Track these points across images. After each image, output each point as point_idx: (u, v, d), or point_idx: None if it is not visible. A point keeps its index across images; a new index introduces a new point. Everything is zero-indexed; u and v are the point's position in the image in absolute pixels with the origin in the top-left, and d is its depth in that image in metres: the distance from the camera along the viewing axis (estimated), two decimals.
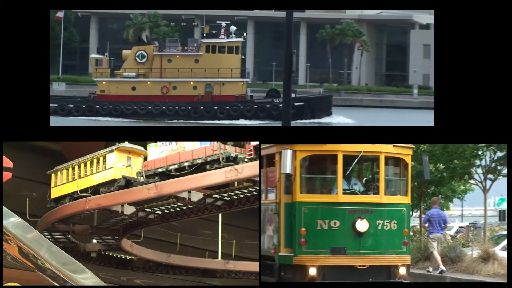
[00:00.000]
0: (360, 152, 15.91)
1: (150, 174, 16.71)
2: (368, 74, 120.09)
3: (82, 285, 11.07)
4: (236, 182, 16.57)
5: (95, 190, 18.06)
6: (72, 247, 20.27)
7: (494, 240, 26.81)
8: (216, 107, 67.93)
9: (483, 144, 24.06)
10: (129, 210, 18.55)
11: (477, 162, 26.36)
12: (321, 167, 16.75)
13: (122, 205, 18.39)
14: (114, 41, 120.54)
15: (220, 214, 21.08)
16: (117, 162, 17.18)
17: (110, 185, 17.71)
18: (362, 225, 15.58)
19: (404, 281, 16.41)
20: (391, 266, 15.94)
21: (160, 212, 18.55)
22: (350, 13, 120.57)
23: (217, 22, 73.40)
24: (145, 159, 17.04)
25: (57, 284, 11.59)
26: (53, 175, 19.51)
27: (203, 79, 69.89)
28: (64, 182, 19.14)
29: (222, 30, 70.72)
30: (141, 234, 21.53)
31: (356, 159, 16.04)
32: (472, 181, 28.44)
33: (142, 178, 16.82)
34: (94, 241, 20.38)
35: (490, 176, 26.23)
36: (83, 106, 70.09)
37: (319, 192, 16.38)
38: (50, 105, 69.75)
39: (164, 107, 67.78)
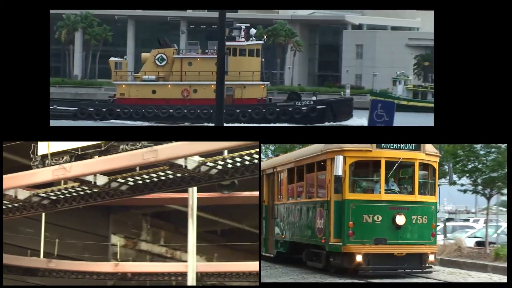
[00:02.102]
0: (399, 158, 18.65)
1: None
2: (301, 75, 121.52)
3: None
4: (63, 181, 17.09)
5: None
6: None
7: None
8: (238, 111, 67.26)
9: None
10: None
11: None
12: (365, 170, 19.53)
13: None
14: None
15: (43, 213, 21.54)
16: None
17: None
18: (400, 220, 18.33)
19: (432, 267, 19.79)
20: (423, 254, 18.68)
21: None
22: (282, 14, 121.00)
23: (237, 24, 72.77)
24: None
25: None
26: None
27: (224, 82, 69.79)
28: None
29: (242, 33, 70.68)
30: None
31: (396, 165, 18.63)
32: None
33: None
34: None
35: None
36: (104, 109, 69.24)
37: (364, 192, 19.05)
38: (70, 108, 69.59)
39: (185, 111, 67.20)
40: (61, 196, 17.90)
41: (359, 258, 18.19)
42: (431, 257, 19.07)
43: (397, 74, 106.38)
